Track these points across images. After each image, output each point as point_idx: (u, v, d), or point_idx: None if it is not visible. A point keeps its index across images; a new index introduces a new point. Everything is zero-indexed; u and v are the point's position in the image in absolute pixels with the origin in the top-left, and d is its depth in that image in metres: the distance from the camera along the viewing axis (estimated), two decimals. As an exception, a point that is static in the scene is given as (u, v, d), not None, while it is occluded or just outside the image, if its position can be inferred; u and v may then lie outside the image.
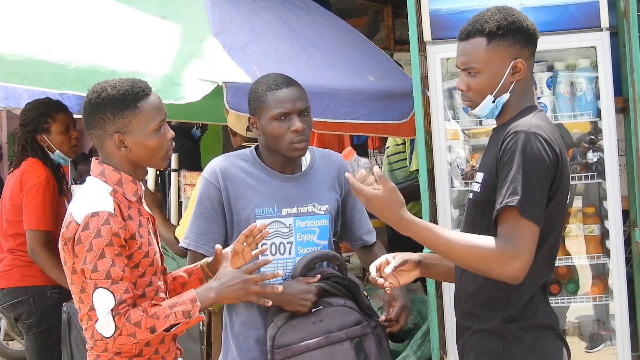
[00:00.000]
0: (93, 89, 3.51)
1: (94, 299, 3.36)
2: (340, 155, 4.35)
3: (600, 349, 6.20)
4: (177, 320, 3.42)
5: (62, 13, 5.41)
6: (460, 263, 3.34)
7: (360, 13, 9.68)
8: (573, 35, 5.71)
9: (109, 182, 3.49)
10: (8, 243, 5.96)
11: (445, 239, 3.28)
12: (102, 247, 3.34)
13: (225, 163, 4.13)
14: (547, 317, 3.44)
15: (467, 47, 3.47)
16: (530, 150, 3.24)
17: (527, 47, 3.44)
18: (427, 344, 5.87)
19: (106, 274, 3.34)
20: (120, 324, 3.34)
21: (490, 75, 3.43)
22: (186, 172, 6.64)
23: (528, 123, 3.32)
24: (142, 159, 3.53)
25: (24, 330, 5.93)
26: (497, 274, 3.25)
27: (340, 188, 4.24)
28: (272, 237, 4.05)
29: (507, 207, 3.21)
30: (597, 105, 5.82)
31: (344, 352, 3.93)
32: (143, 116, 3.47)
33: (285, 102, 4.02)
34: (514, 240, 3.20)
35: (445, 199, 5.75)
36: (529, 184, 3.21)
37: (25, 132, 6.01)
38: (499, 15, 3.43)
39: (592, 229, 6.15)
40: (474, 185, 3.48)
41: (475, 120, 5.84)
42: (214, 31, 5.38)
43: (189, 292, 3.49)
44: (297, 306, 3.92)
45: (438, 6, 5.71)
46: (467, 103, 3.55)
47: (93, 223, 3.35)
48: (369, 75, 6.12)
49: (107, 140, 3.49)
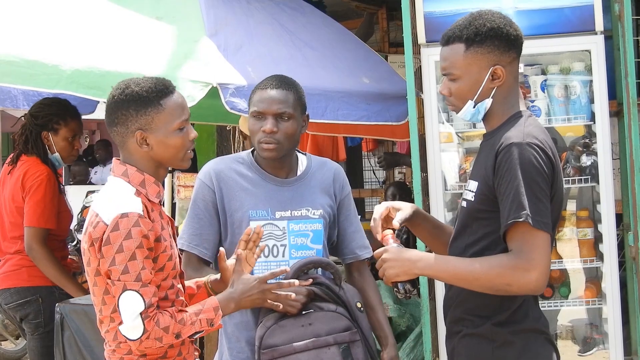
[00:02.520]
0: (117, 86, 3.49)
1: (121, 301, 3.32)
2: (336, 164, 4.36)
3: (593, 352, 6.21)
4: (202, 328, 3.45)
5: (56, 13, 5.41)
6: (482, 289, 3.33)
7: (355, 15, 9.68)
8: (567, 39, 5.72)
9: (132, 183, 3.46)
10: (15, 245, 5.91)
11: (465, 272, 3.32)
12: (133, 249, 3.31)
13: (220, 165, 4.14)
14: (537, 322, 3.44)
15: (446, 53, 3.47)
16: (527, 162, 3.24)
17: (508, 52, 3.41)
18: (419, 347, 5.88)
19: (137, 277, 3.31)
20: (150, 327, 3.32)
21: (469, 81, 3.42)
22: (180, 173, 6.64)
23: (521, 133, 3.31)
24: (164, 157, 3.50)
25: (30, 330, 5.91)
26: (517, 290, 3.27)
27: (335, 196, 4.23)
28: (266, 239, 4.05)
29: (515, 222, 3.22)
30: (591, 108, 5.83)
31: (331, 357, 3.92)
32: (166, 114, 3.45)
33: (263, 102, 4.03)
34: (526, 253, 3.21)
35: (438, 201, 5.76)
36: (533, 195, 3.21)
37: (34, 124, 5.97)
38: (479, 21, 3.41)
39: (585, 232, 6.17)
40: (467, 194, 3.47)
41: (469, 124, 5.84)
42: (208, 32, 5.37)
43: (212, 300, 3.51)
44: (287, 306, 3.92)
45: (432, 9, 5.72)
46: (450, 107, 3.58)
47: (123, 224, 3.32)
48: (363, 78, 6.12)
49: (129, 137, 3.46)
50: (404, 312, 6.15)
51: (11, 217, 5.91)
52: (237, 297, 3.56)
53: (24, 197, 5.82)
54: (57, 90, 5.17)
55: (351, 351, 3.97)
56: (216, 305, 3.48)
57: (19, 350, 9.86)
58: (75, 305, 5.70)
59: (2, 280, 5.94)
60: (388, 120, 6.11)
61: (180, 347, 3.54)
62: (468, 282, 3.32)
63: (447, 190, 5.87)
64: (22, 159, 5.94)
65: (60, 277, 5.85)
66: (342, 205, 4.26)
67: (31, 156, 5.93)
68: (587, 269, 6.30)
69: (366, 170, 11.97)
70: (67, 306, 5.72)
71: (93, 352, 5.58)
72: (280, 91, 4.06)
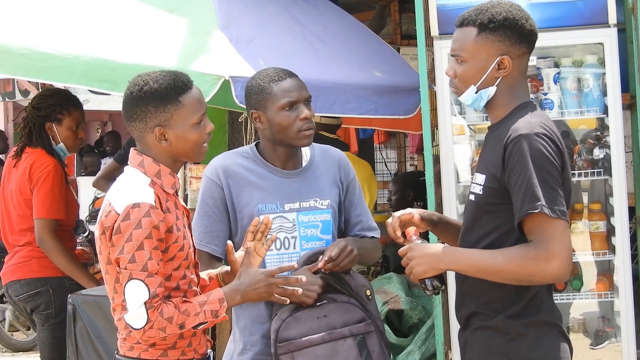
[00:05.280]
0: (135, 82, 3.50)
1: (127, 290, 3.35)
2: (338, 150, 4.35)
3: (605, 345, 6.20)
4: (206, 319, 3.45)
5: (68, 6, 5.41)
6: (506, 280, 3.33)
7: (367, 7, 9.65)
8: (580, 32, 5.70)
9: (148, 174, 3.49)
10: (24, 237, 5.92)
11: (488, 265, 3.32)
12: (142, 239, 3.34)
13: (226, 161, 4.14)
14: (550, 314, 3.44)
15: (458, 35, 3.48)
16: (537, 152, 3.25)
17: (519, 45, 3.42)
18: (431, 339, 5.88)
19: (143, 266, 3.34)
20: (153, 317, 3.34)
21: (475, 66, 3.43)
22: (192, 165, 6.64)
23: (528, 124, 3.32)
24: (182, 152, 3.52)
25: (41, 321, 5.92)
26: (540, 280, 3.29)
27: (341, 183, 4.24)
28: (276, 232, 4.05)
29: (530, 214, 3.22)
30: (604, 101, 5.81)
31: (347, 349, 3.93)
32: (185, 110, 3.47)
33: (292, 91, 4.04)
34: (545, 243, 3.22)
35: (450, 193, 5.75)
36: (546, 184, 3.22)
37: (37, 115, 5.97)
38: (496, 9, 3.42)
39: (598, 225, 6.15)
40: (474, 187, 3.48)
41: (482, 116, 5.83)
42: (220, 25, 5.37)
43: (217, 292, 3.51)
44: (302, 297, 3.92)
45: (445, 1, 5.70)
46: (453, 89, 3.58)
47: (134, 214, 3.35)
48: (375, 71, 6.11)
49: (148, 133, 3.49)
50: (416, 304, 6.15)
51: (19, 209, 5.92)
52: (243, 290, 3.57)
53: (31, 189, 5.83)
54: (70, 83, 5.18)
55: (366, 342, 3.98)
56: (221, 297, 3.49)
57: (30, 341, 9.90)
58: (87, 297, 5.73)
59: (12, 272, 5.96)
60: (396, 114, 6.10)
61: (191, 338, 3.55)
62: (492, 275, 3.33)
63: (460, 183, 5.86)
64: (27, 151, 5.95)
65: (72, 267, 5.87)
66: (348, 189, 4.26)
67: (36, 148, 5.93)
68: (599, 262, 6.28)
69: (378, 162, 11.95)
70: (80, 297, 5.74)
71: (105, 343, 5.61)
72: (296, 78, 4.11)
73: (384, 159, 12.03)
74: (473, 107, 3.54)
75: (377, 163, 11.87)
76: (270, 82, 4.07)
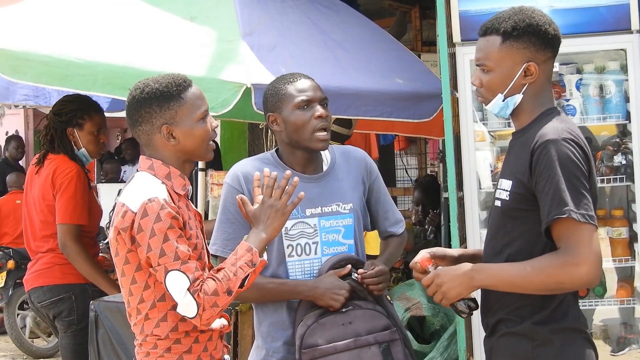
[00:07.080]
0: (135, 87, 3.55)
1: (168, 284, 3.35)
2: (359, 149, 4.34)
3: (625, 352, 6.17)
4: (246, 273, 3.43)
5: (90, 14, 5.44)
6: (537, 291, 3.33)
7: (388, 14, 9.67)
8: (603, 38, 5.70)
9: (158, 176, 3.51)
10: (47, 243, 5.92)
11: (519, 278, 3.31)
12: (164, 230, 3.35)
13: (247, 167, 4.13)
14: (576, 320, 3.43)
15: (482, 44, 3.48)
16: (565, 157, 3.24)
17: (544, 51, 3.42)
18: (453, 346, 5.87)
19: (174, 256, 3.34)
20: (200, 299, 3.33)
21: (501, 75, 3.43)
22: (213, 171, 6.66)
23: (555, 129, 3.31)
24: (190, 149, 3.54)
25: (63, 328, 5.92)
26: (570, 286, 3.29)
27: (364, 184, 4.23)
28: (297, 238, 4.05)
29: (558, 219, 3.22)
30: (626, 107, 5.81)
31: (372, 356, 3.92)
32: (188, 106, 3.50)
33: (307, 90, 4.05)
34: (572, 248, 3.21)
35: (473, 200, 5.74)
36: (574, 189, 3.22)
37: (58, 121, 5.97)
38: (519, 16, 3.41)
39: (620, 231, 6.13)
40: (500, 193, 3.46)
41: (504, 122, 5.83)
42: (242, 32, 5.39)
43: (241, 245, 3.50)
44: (330, 300, 3.92)
45: (467, 7, 5.71)
46: (480, 99, 3.57)
47: (151, 209, 3.36)
48: (396, 78, 6.11)
49: (155, 134, 3.51)
50: (438, 311, 6.15)
51: (42, 215, 5.92)
52: (261, 228, 3.53)
53: (54, 194, 5.82)
54: (93, 92, 5.20)
55: (391, 350, 3.96)
56: (248, 246, 3.47)
57: (51, 347, 9.92)
58: (109, 303, 5.74)
59: (35, 279, 5.96)
60: (410, 118, 6.09)
61: (207, 342, 3.56)
62: (524, 287, 3.33)
63: (482, 189, 5.86)
64: (49, 157, 5.95)
65: (95, 274, 5.88)
66: (372, 189, 4.26)
67: (58, 154, 5.93)
68: (621, 269, 6.26)
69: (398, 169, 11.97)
70: (102, 304, 5.75)
71: (127, 349, 5.61)
72: (312, 80, 4.11)
73: (405, 166, 12.04)
74: (500, 115, 3.53)
75: (397, 169, 11.88)
76: (286, 83, 4.08)
